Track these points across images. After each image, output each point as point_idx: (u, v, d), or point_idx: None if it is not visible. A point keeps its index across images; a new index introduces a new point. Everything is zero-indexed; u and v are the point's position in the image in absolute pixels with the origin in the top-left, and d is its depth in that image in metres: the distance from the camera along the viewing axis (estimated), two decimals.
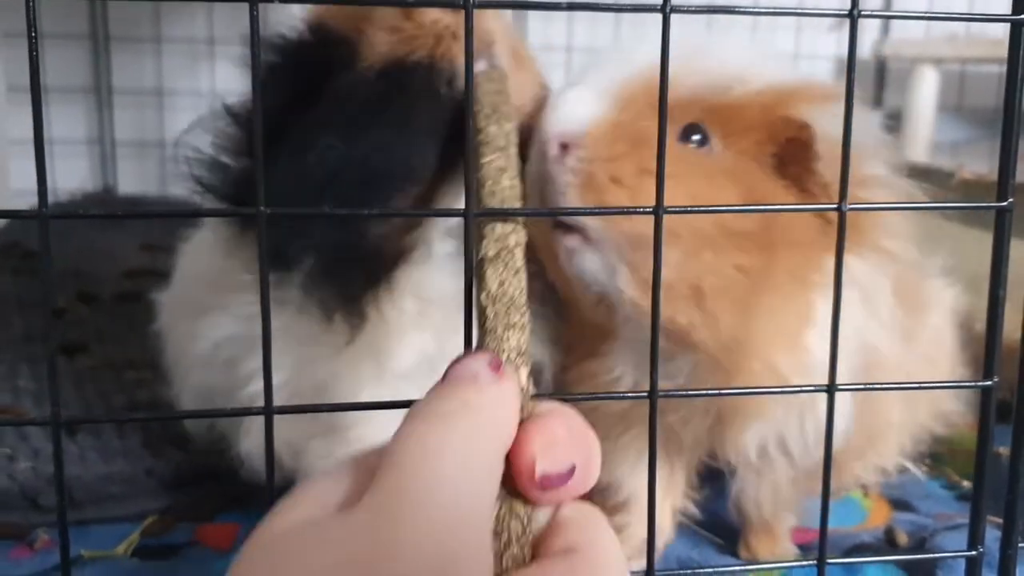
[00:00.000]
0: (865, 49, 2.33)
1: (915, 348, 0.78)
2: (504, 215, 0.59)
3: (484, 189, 0.56)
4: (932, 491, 0.98)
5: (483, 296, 0.52)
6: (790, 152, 0.71)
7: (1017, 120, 0.65)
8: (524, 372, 0.49)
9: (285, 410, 0.59)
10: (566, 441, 0.45)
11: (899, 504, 0.94)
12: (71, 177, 2.06)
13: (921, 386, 0.79)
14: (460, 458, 0.41)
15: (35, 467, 0.90)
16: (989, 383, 0.66)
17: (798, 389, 0.67)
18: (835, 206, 0.61)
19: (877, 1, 2.32)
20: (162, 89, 2.14)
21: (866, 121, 0.76)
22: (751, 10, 0.60)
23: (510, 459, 0.44)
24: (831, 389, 0.63)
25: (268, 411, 0.56)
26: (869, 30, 2.32)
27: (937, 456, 1.01)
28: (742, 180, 0.70)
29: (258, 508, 0.46)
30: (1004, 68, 0.65)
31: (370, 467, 0.42)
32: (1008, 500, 0.69)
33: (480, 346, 0.50)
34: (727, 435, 0.76)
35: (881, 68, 2.35)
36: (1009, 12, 0.63)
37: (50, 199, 1.99)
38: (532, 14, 2.15)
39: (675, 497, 0.83)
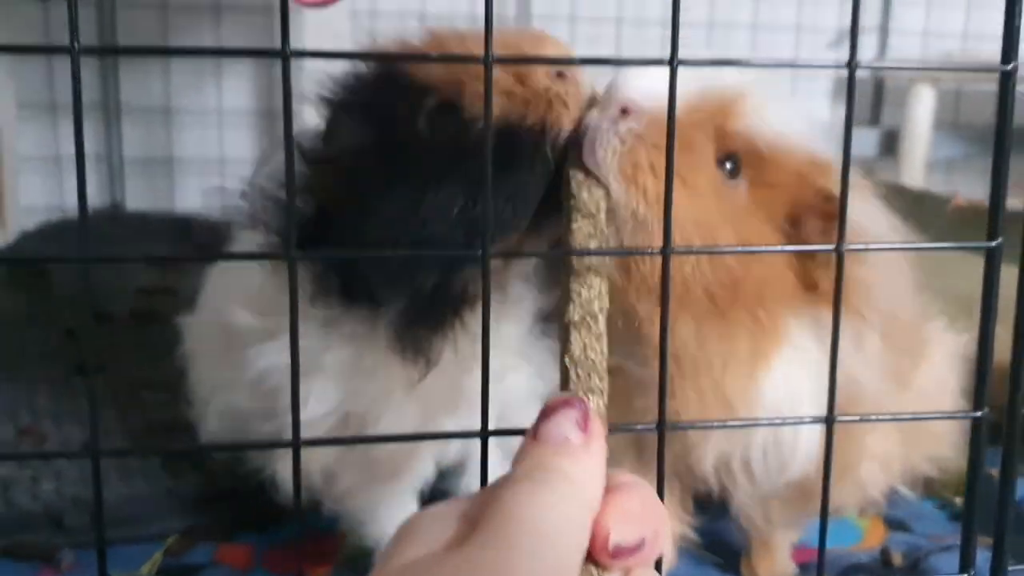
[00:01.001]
0: (862, 69, 2.36)
1: (910, 392, 0.81)
2: (514, 257, 0.63)
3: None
4: (927, 512, 1.01)
5: (567, 359, 0.56)
6: (807, 217, 0.74)
7: (1007, 161, 0.68)
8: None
9: (312, 443, 0.62)
10: (639, 515, 0.49)
11: (894, 524, 0.97)
12: None
13: (912, 417, 0.82)
14: (561, 520, 0.46)
15: (58, 488, 0.93)
16: (979, 414, 0.69)
17: (797, 421, 0.70)
18: (832, 247, 0.64)
19: (875, 19, 2.35)
20: (170, 106, 2.17)
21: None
22: (752, 62, 0.63)
23: None
24: (830, 420, 0.66)
25: (296, 444, 0.59)
26: (867, 49, 2.36)
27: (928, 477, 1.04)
28: (750, 224, 0.73)
29: (276, 529, 0.50)
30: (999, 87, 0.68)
31: (466, 514, 0.47)
32: (998, 524, 0.72)
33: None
34: (694, 454, 0.79)
35: (879, 87, 2.39)
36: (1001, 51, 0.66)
37: (59, 215, 2.02)
38: None
39: (673, 523, 0.87)
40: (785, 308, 0.73)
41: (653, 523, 0.49)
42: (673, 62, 0.59)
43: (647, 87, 0.69)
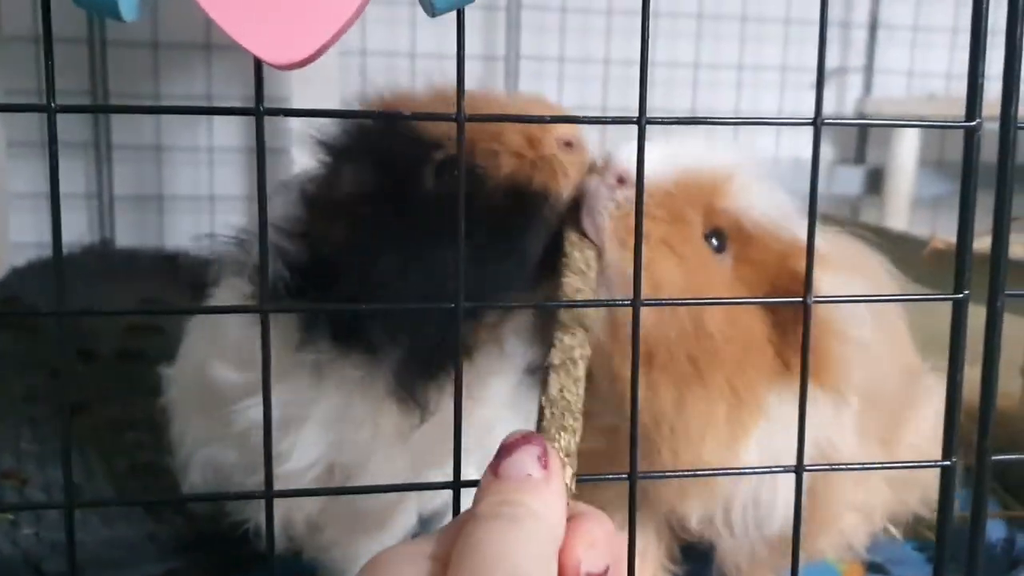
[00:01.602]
0: (848, 107, 2.40)
1: (900, 447, 0.84)
2: (491, 307, 0.64)
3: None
4: (906, 555, 1.01)
5: (543, 399, 0.58)
6: (784, 295, 0.77)
7: (972, 213, 0.69)
8: (569, 472, 0.54)
9: (284, 494, 0.62)
10: (603, 544, 0.50)
11: (873, 567, 0.98)
12: (70, 230, 2.09)
13: (880, 466, 0.83)
14: (531, 558, 0.46)
15: (38, 533, 0.93)
16: (948, 463, 0.69)
17: (767, 470, 0.71)
18: (800, 300, 0.65)
19: (860, 59, 2.38)
20: (160, 145, 2.19)
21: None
22: (724, 120, 0.64)
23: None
24: (799, 470, 0.67)
25: (268, 495, 0.60)
26: (852, 88, 2.39)
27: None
28: (736, 295, 0.76)
29: (258, 574, 0.50)
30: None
31: (435, 555, 0.48)
32: (969, 567, 0.72)
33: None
34: (675, 504, 0.81)
35: (863, 126, 2.41)
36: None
37: (49, 252, 2.01)
38: (526, 24, 2.23)
39: (655, 568, 0.87)
40: (764, 381, 0.76)
41: (615, 551, 0.51)
42: (641, 121, 0.60)
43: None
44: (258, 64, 0.56)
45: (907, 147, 2.22)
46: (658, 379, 0.73)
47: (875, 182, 2.31)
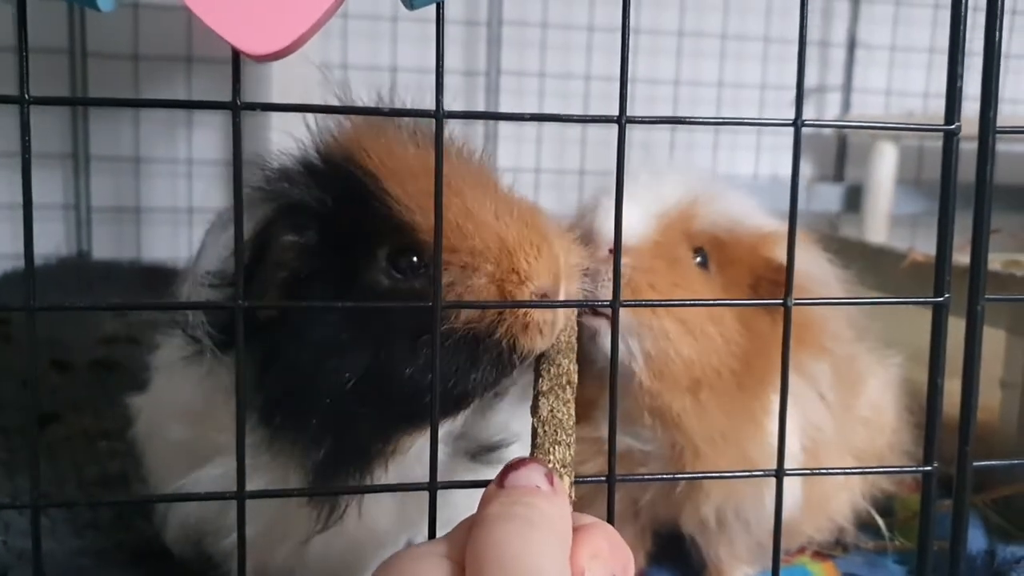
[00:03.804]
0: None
1: (852, 417, 0.91)
2: (468, 307, 0.64)
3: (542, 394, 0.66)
4: (883, 565, 1.01)
5: (535, 421, 0.62)
6: (766, 284, 0.85)
7: (952, 219, 0.70)
8: (567, 480, 0.58)
9: (256, 495, 0.61)
10: (608, 553, 0.51)
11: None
12: (46, 242, 2.07)
13: (866, 471, 0.83)
14: (548, 559, 0.47)
15: (6, 541, 0.91)
16: (929, 468, 0.69)
17: (747, 473, 0.71)
18: (781, 301, 0.65)
19: (838, 78, 2.40)
20: (139, 156, 2.17)
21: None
22: (703, 120, 0.64)
23: None
24: (779, 474, 0.66)
25: (241, 496, 0.59)
26: (831, 106, 2.40)
27: (887, 525, 1.05)
28: (727, 299, 0.84)
29: None
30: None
31: (449, 556, 0.49)
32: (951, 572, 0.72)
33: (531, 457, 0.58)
34: (687, 506, 0.86)
35: (842, 144, 2.43)
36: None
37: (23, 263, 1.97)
38: (507, 39, 2.22)
39: (638, 559, 0.90)
40: (769, 363, 0.80)
41: (621, 560, 0.52)
42: (621, 120, 0.60)
43: (626, 223, 0.77)
44: (236, 58, 0.56)
45: (885, 165, 2.23)
46: (707, 400, 0.80)
47: (854, 199, 2.32)
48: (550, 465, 0.58)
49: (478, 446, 0.74)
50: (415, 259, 0.68)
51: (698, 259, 0.86)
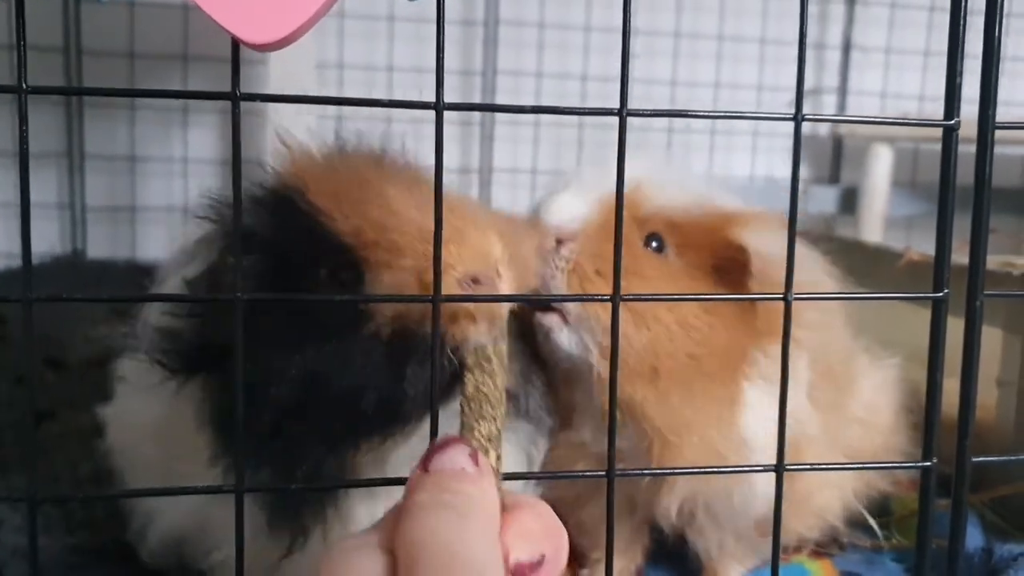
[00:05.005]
0: (823, 128, 2.41)
1: (844, 416, 0.89)
2: (464, 300, 0.65)
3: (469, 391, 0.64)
4: (881, 563, 1.01)
5: (461, 399, 0.62)
6: (729, 266, 0.84)
7: (951, 215, 0.69)
8: (494, 455, 0.57)
9: (254, 488, 0.61)
10: (538, 533, 0.50)
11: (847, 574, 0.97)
12: (40, 240, 2.06)
13: (863, 466, 0.82)
14: (481, 545, 0.47)
15: (0, 538, 0.90)
16: (928, 464, 0.69)
17: (748, 469, 0.70)
18: (781, 296, 0.65)
19: (834, 80, 2.40)
20: (134, 155, 2.17)
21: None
22: (701, 113, 0.64)
23: None
24: (779, 469, 0.66)
25: (239, 490, 0.59)
26: (827, 109, 2.41)
27: (880, 524, 1.05)
28: (692, 284, 0.83)
29: None
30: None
31: (382, 545, 0.48)
32: (950, 568, 0.72)
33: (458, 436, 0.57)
34: (656, 500, 0.85)
35: (838, 146, 2.43)
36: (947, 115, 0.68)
37: (17, 261, 1.98)
38: (503, 39, 2.22)
39: (635, 555, 0.89)
40: (740, 347, 0.81)
41: (553, 541, 0.51)
42: (622, 112, 0.60)
43: (569, 211, 0.83)
44: (235, 48, 0.55)
45: (881, 167, 2.23)
46: (667, 386, 0.79)
47: (849, 201, 2.32)
48: (475, 442, 0.58)
49: None
50: (354, 273, 0.70)
51: (654, 243, 0.85)
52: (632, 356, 0.78)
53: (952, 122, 0.67)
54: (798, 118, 0.63)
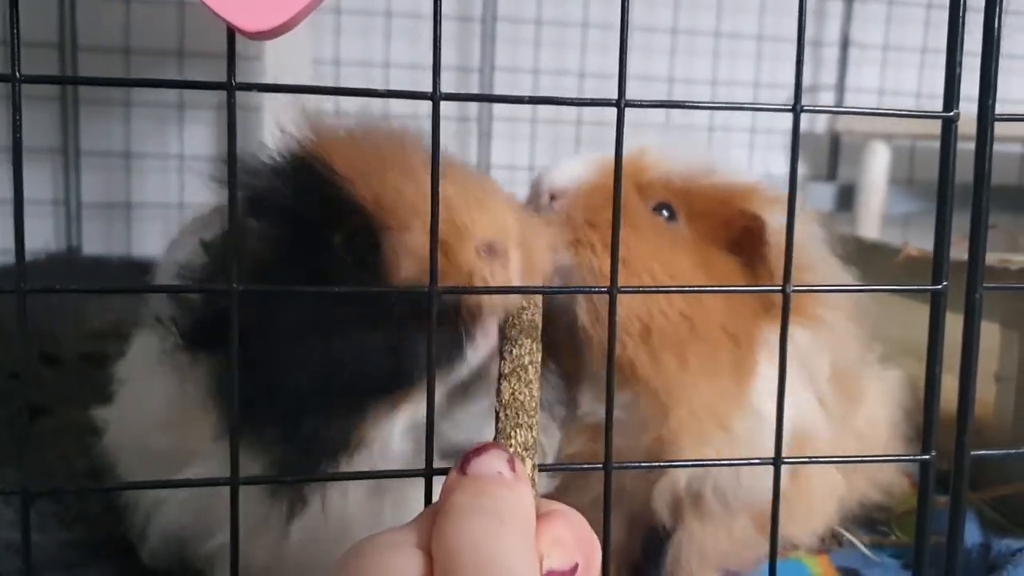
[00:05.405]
0: (820, 125, 2.41)
1: (847, 429, 0.87)
2: (465, 292, 0.64)
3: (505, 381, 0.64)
4: (881, 559, 1.00)
5: (497, 405, 0.62)
6: (744, 237, 0.82)
7: (950, 208, 0.69)
8: (530, 464, 0.57)
9: (250, 481, 0.60)
10: (571, 542, 0.50)
11: (848, 573, 0.97)
12: (35, 237, 2.06)
13: (861, 459, 0.82)
14: (517, 550, 0.47)
15: None
16: (927, 457, 0.69)
17: (745, 461, 0.70)
18: (779, 288, 0.64)
19: (831, 77, 2.40)
20: (130, 151, 2.16)
21: (807, 221, 0.87)
22: (700, 104, 0.64)
23: None
24: (777, 462, 0.66)
25: (234, 482, 0.58)
26: (824, 105, 2.41)
27: (880, 521, 1.04)
28: (700, 253, 0.81)
29: None
30: None
31: (420, 545, 0.48)
32: (948, 565, 0.72)
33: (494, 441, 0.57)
34: (661, 479, 0.82)
35: (835, 143, 2.43)
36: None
37: (10, 258, 1.97)
38: (501, 36, 2.22)
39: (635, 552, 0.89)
40: (754, 318, 0.79)
41: (585, 549, 0.50)
42: (620, 103, 0.59)
43: (565, 173, 0.84)
44: (231, 37, 0.55)
45: (878, 165, 2.23)
46: (659, 347, 0.77)
47: (847, 199, 2.32)
48: (512, 449, 0.57)
49: (451, 446, 0.73)
50: (369, 238, 0.69)
51: (665, 212, 0.84)
52: (622, 311, 0.74)
53: (951, 113, 0.67)
54: (797, 109, 0.63)
